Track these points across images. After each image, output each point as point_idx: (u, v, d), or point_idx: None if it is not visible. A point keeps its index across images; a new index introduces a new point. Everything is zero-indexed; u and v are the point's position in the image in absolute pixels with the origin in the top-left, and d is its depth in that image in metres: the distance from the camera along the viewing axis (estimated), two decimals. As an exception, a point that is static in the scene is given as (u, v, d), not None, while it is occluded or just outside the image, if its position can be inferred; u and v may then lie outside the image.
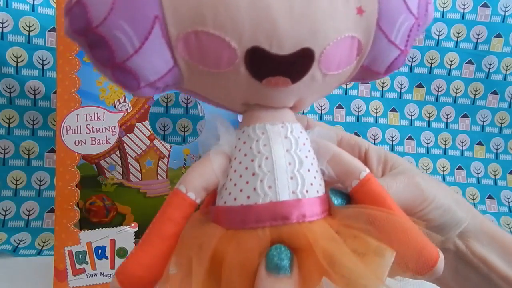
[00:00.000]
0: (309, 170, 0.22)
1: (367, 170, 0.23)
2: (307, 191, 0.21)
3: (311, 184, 0.22)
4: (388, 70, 0.24)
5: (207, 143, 0.24)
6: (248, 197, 0.21)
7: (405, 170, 0.29)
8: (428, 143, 0.69)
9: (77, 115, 0.45)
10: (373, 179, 0.23)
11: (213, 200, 0.24)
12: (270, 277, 0.19)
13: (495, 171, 0.70)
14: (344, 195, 0.23)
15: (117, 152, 0.50)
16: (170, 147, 0.51)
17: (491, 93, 0.68)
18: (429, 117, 0.69)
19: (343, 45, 0.21)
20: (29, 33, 0.56)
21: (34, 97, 0.57)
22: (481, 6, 0.65)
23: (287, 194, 0.21)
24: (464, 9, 0.65)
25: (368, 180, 0.23)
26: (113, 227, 0.46)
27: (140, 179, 0.51)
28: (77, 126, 0.45)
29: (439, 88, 0.68)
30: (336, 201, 0.22)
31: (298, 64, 0.20)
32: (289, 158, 0.22)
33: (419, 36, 0.59)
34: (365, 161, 0.31)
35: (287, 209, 0.21)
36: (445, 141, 0.69)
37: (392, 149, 0.68)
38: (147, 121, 0.50)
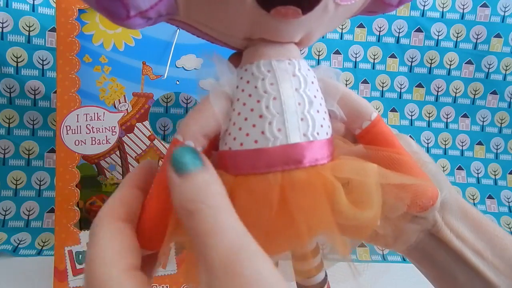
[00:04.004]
0: (318, 111, 0.21)
1: (376, 111, 0.23)
2: (317, 133, 0.20)
3: (321, 126, 0.21)
4: (401, 0, 0.23)
5: (204, 83, 0.22)
6: (256, 141, 0.20)
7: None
8: (428, 143, 0.69)
9: (77, 115, 0.45)
10: (382, 120, 0.23)
11: (210, 148, 0.22)
12: (182, 176, 0.17)
13: (495, 171, 0.70)
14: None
15: (117, 152, 0.50)
16: (170, 147, 0.51)
17: (490, 93, 0.68)
18: (429, 117, 0.69)
19: None
20: (29, 33, 0.56)
21: (34, 97, 0.57)
22: (480, 6, 0.65)
23: (298, 136, 0.20)
24: (463, 9, 0.65)
25: (379, 121, 0.23)
26: (113, 227, 0.46)
27: (140, 179, 0.51)
28: (77, 126, 0.45)
29: (438, 88, 0.68)
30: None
31: None
32: (299, 98, 0.20)
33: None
34: None
35: (299, 152, 0.19)
36: (445, 141, 0.69)
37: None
38: (147, 121, 0.50)
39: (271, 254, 0.24)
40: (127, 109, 0.49)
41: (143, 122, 0.50)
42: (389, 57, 0.66)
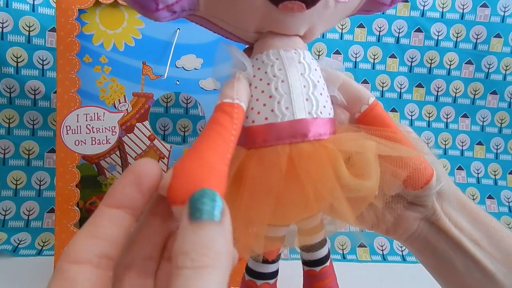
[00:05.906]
0: (321, 94, 0.24)
1: (373, 96, 0.26)
2: (321, 112, 0.23)
3: (324, 106, 0.23)
4: (393, 0, 0.25)
5: (222, 71, 0.25)
6: (266, 118, 0.22)
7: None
8: (428, 143, 0.69)
9: (77, 115, 0.45)
10: (379, 104, 0.25)
11: None
12: (192, 224, 0.15)
13: (495, 171, 0.70)
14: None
15: (117, 152, 0.50)
16: (170, 147, 0.52)
17: (490, 93, 0.68)
18: (429, 117, 0.69)
19: None
20: (29, 33, 0.56)
21: (34, 97, 0.57)
22: (480, 6, 0.65)
23: (304, 114, 0.22)
24: (463, 9, 0.65)
25: (376, 105, 0.25)
26: (113, 227, 0.46)
27: (140, 179, 0.51)
28: (77, 126, 0.45)
29: (438, 88, 0.68)
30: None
31: None
32: (304, 81, 0.23)
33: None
34: None
35: (305, 127, 0.22)
36: (445, 141, 0.69)
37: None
38: (147, 121, 0.50)
39: (282, 223, 0.26)
40: (127, 109, 0.49)
41: (143, 122, 0.50)
42: (389, 57, 0.66)
